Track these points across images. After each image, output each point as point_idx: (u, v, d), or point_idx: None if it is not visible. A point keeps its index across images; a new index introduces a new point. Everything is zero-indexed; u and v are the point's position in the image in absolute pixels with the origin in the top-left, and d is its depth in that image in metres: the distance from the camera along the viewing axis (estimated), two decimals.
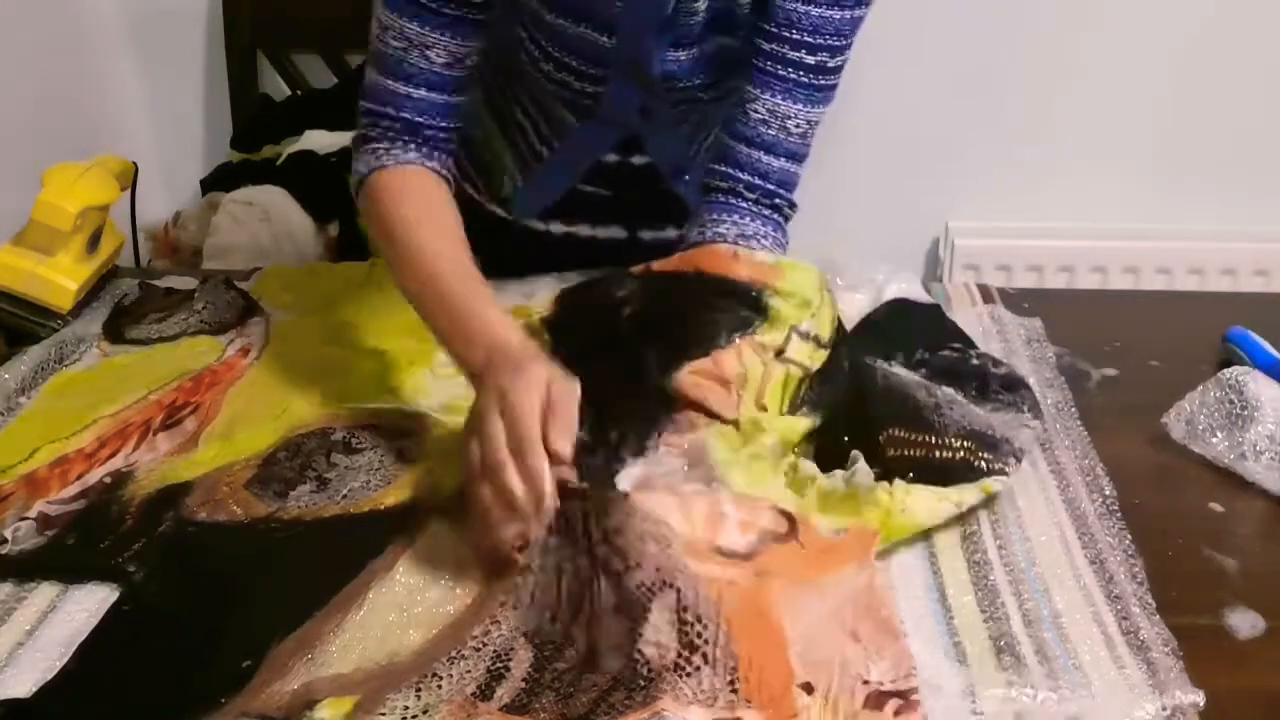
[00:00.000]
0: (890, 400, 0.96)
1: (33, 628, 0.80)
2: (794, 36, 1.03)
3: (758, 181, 1.05)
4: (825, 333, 0.99)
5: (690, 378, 0.93)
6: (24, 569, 0.85)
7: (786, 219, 1.06)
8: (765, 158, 1.04)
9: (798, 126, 1.04)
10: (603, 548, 0.77)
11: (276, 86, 2.09)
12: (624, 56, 1.06)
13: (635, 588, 0.75)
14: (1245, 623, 0.80)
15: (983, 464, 0.91)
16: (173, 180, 2.07)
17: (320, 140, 1.91)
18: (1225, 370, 1.02)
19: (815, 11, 1.02)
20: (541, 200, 1.25)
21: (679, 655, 0.71)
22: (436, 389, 1.06)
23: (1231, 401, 0.99)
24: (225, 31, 2.08)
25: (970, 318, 1.21)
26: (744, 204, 1.05)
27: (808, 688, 0.72)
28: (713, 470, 0.90)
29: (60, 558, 0.86)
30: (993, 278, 1.99)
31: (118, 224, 1.30)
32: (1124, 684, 0.73)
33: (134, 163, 1.30)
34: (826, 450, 0.94)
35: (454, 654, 0.74)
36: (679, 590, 0.74)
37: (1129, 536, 0.87)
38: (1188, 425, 1.01)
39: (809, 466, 0.92)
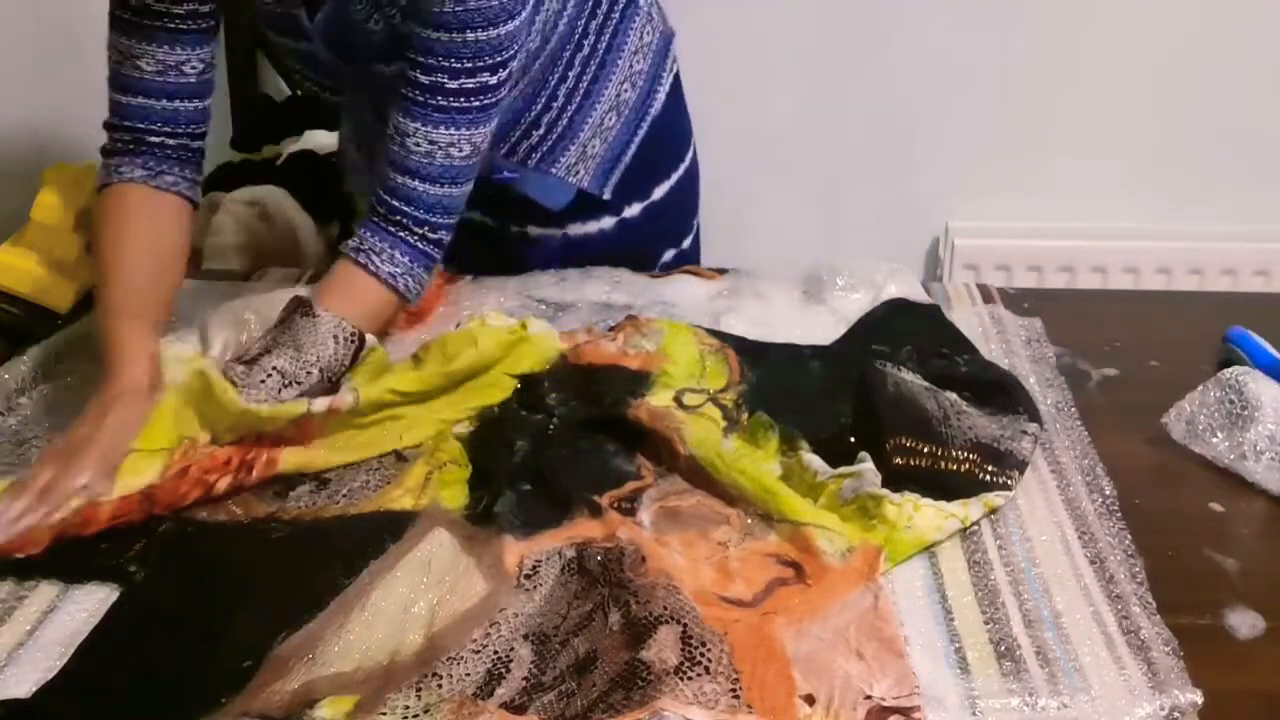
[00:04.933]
0: (899, 408, 0.96)
1: (33, 628, 0.80)
2: (412, 56, 1.03)
3: (381, 194, 1.07)
4: (716, 385, 1.06)
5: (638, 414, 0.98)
6: (25, 569, 0.85)
7: (411, 233, 1.07)
8: (389, 172, 1.06)
9: (418, 145, 1.04)
10: (616, 589, 0.78)
11: (276, 86, 2.09)
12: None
13: (643, 618, 0.75)
14: (1245, 623, 0.81)
15: (987, 476, 0.91)
16: None
17: (320, 140, 1.91)
18: (1225, 370, 1.02)
19: (424, 32, 1.02)
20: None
21: (680, 663, 0.72)
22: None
23: (1231, 401, 0.99)
24: (225, 31, 2.08)
25: (970, 318, 1.21)
26: (372, 219, 1.07)
27: (809, 699, 0.72)
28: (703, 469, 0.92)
29: (61, 557, 0.86)
30: (993, 278, 1.99)
31: None
32: (1124, 684, 0.73)
33: None
34: (831, 448, 0.95)
35: (454, 654, 0.74)
36: (685, 625, 0.75)
37: (1129, 536, 0.88)
38: (1188, 425, 1.01)
39: (815, 461, 0.92)
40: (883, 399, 0.98)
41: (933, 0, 1.97)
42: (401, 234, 1.06)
